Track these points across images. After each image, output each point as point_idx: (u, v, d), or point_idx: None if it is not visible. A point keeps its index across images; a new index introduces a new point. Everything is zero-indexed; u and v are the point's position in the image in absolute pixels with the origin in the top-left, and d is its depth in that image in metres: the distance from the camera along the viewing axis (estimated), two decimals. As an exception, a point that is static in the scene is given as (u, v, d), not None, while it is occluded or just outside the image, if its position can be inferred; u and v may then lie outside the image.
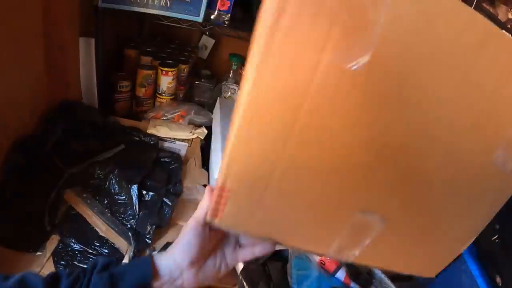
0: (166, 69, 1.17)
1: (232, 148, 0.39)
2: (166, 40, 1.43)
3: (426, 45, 0.34)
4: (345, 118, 0.37)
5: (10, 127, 0.81)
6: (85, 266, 0.73)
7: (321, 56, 0.33)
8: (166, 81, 1.19)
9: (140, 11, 1.02)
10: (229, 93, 1.30)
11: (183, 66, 1.27)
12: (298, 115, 0.37)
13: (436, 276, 0.90)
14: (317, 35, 0.33)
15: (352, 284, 0.82)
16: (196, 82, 1.37)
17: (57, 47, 0.93)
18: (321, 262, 0.84)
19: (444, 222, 0.47)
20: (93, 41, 1.07)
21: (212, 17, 1.09)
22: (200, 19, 1.06)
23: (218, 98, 1.08)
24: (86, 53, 1.07)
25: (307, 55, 0.34)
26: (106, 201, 0.84)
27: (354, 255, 0.49)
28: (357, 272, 0.87)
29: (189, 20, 1.07)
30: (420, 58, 0.35)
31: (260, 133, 0.38)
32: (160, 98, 1.23)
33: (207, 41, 1.49)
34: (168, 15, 1.05)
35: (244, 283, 0.84)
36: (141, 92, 1.21)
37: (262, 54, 0.34)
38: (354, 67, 0.34)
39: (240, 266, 0.87)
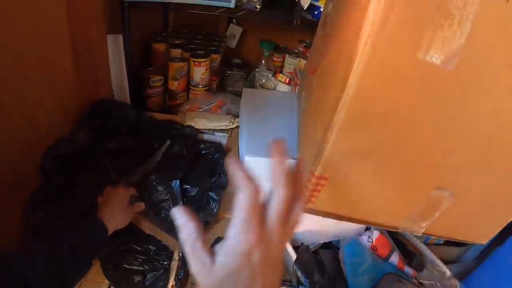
0: (198, 60, 1.13)
1: (334, 139, 0.45)
2: (193, 32, 1.39)
3: (502, 46, 0.38)
4: (431, 111, 0.43)
5: (43, 131, 0.78)
6: (134, 267, 0.71)
7: (417, 55, 0.39)
8: (200, 72, 1.15)
9: (170, 0, 0.98)
10: (263, 80, 1.25)
11: (214, 56, 1.23)
12: (397, 107, 0.42)
13: (486, 257, 0.84)
14: (414, 37, 0.38)
15: (406, 268, 0.79)
16: (228, 72, 1.33)
17: (84, 46, 0.91)
18: (373, 248, 0.80)
19: (499, 195, 0.52)
20: (120, 37, 1.04)
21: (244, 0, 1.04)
22: (232, 5, 1.01)
23: (243, 88, 1.02)
24: (114, 50, 1.05)
25: (405, 55, 0.39)
26: (147, 198, 0.81)
27: (423, 228, 0.57)
28: (409, 255, 0.83)
29: (219, 7, 1.02)
30: (496, 56, 0.39)
31: (360, 126, 0.44)
32: (194, 90, 1.19)
33: (235, 30, 1.45)
34: (199, 3, 1.00)
35: (299, 273, 0.80)
36: (174, 85, 1.17)
37: (367, 54, 0.38)
38: (446, 66, 0.39)
39: (293, 257, 0.83)
